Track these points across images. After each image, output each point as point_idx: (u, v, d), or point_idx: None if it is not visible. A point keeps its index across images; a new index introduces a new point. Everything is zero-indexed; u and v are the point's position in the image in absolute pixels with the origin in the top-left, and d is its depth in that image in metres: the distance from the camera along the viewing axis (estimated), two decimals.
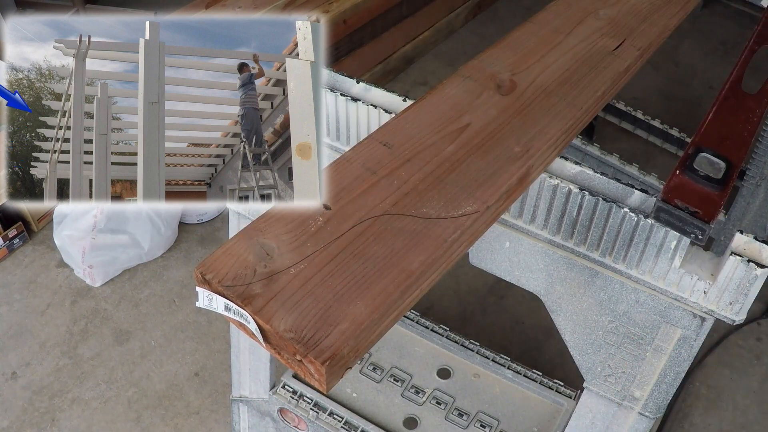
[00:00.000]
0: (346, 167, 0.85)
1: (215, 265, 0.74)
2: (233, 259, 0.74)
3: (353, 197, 0.81)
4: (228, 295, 0.71)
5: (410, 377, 1.66)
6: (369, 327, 0.71)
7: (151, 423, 1.87)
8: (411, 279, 0.74)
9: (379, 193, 0.81)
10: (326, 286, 0.73)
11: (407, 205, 0.80)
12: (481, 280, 2.16)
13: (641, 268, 0.94)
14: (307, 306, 0.71)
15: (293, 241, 0.76)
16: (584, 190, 0.93)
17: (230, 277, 0.72)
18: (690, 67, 2.88)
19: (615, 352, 1.03)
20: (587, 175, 0.95)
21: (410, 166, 0.85)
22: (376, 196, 0.81)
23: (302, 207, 0.80)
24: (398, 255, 0.75)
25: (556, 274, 1.02)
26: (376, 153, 0.88)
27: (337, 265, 0.74)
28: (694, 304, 0.93)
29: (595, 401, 1.09)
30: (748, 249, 0.86)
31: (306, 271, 0.74)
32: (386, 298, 0.72)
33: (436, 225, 0.78)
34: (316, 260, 0.75)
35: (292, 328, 0.69)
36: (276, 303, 0.71)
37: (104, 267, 2.15)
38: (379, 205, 0.80)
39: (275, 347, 0.71)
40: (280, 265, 0.74)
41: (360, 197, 0.81)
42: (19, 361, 2.00)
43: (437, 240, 0.77)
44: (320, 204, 0.80)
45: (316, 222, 0.78)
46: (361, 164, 0.86)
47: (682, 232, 0.88)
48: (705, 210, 0.89)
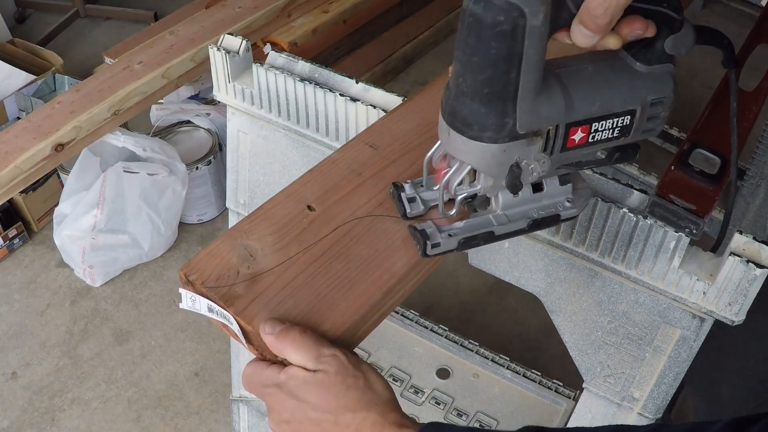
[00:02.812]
0: (331, 168, 0.86)
1: (199, 266, 0.74)
2: (217, 260, 0.75)
3: (338, 198, 0.82)
4: (211, 297, 0.72)
5: (409, 377, 1.66)
6: (351, 328, 0.72)
7: (151, 423, 1.87)
8: (394, 280, 0.75)
9: (365, 194, 0.82)
10: (309, 288, 0.73)
11: (392, 207, 0.81)
12: (481, 280, 2.16)
13: (640, 269, 0.94)
14: (289, 307, 0.72)
15: (277, 243, 0.77)
16: None
17: (213, 279, 0.73)
18: (690, 67, 2.88)
19: (614, 352, 1.03)
20: (586, 174, 0.95)
21: (395, 167, 0.86)
22: (361, 198, 0.82)
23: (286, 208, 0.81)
24: (382, 256, 0.76)
25: (555, 275, 1.02)
26: (362, 154, 0.88)
27: (320, 267, 0.75)
28: (693, 304, 0.93)
29: (595, 401, 1.09)
30: (748, 249, 0.86)
31: (289, 273, 0.74)
32: (368, 299, 0.73)
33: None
34: (299, 261, 0.75)
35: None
36: (258, 304, 0.71)
37: (104, 267, 2.15)
38: (363, 207, 0.81)
39: (258, 348, 0.71)
40: (264, 266, 0.75)
41: (345, 198, 0.82)
42: (19, 361, 2.00)
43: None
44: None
45: (300, 223, 0.79)
46: (347, 165, 0.86)
47: (677, 227, 0.89)
48: (699, 205, 0.90)
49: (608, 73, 0.70)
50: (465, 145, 0.68)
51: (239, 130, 1.21)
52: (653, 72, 0.71)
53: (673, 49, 0.69)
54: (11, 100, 2.34)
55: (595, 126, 0.70)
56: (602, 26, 0.63)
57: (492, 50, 0.61)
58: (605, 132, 0.71)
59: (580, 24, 0.63)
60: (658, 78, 0.71)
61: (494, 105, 0.64)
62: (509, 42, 0.60)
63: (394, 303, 0.77)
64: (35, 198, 2.26)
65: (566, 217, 0.79)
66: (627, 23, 0.65)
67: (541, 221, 0.77)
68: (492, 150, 0.67)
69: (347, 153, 0.89)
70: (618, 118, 0.71)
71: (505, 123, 0.66)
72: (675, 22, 0.68)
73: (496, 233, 0.76)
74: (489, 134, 0.66)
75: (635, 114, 0.71)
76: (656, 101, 0.71)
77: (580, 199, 0.80)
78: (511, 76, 0.62)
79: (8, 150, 1.68)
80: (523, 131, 0.67)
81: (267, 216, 0.80)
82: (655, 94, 0.71)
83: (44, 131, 1.72)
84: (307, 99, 1.09)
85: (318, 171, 0.86)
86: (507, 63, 0.62)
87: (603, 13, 0.62)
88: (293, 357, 0.67)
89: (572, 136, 0.70)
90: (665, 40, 0.69)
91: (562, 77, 0.68)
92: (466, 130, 0.67)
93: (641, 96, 0.70)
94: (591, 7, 0.62)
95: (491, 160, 0.69)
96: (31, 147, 1.68)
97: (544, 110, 0.67)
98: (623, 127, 0.72)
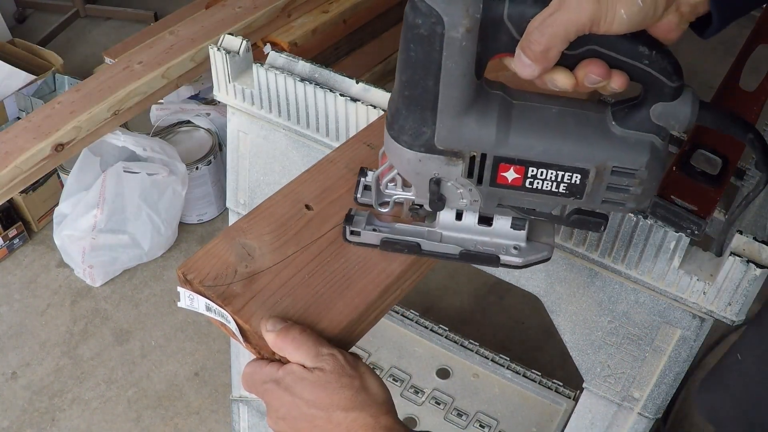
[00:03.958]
0: (329, 168, 0.87)
1: (197, 265, 0.75)
2: (215, 259, 0.75)
3: (336, 197, 0.83)
4: (209, 295, 0.72)
5: (409, 377, 1.66)
6: (348, 326, 0.72)
7: (151, 423, 1.87)
8: (391, 279, 0.75)
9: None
10: (306, 286, 0.74)
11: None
12: (481, 280, 2.16)
13: (640, 269, 0.94)
14: (287, 306, 0.72)
15: (275, 242, 0.77)
16: None
17: (211, 277, 0.73)
18: (690, 67, 2.88)
19: (614, 352, 1.03)
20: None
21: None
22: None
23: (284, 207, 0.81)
24: (379, 255, 0.76)
25: (555, 275, 1.02)
26: (359, 153, 0.89)
27: (318, 265, 0.76)
28: (693, 304, 0.93)
29: (595, 402, 1.09)
30: (748, 249, 0.86)
31: (286, 271, 0.75)
32: (366, 297, 0.73)
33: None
34: (296, 260, 0.76)
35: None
36: (256, 303, 0.72)
37: (104, 267, 2.15)
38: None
39: (255, 346, 0.72)
40: (261, 265, 0.75)
41: (342, 198, 0.83)
42: (19, 361, 2.00)
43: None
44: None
45: (298, 222, 0.79)
46: (345, 165, 0.87)
47: (679, 228, 0.89)
48: (701, 206, 0.90)
49: (570, 121, 0.63)
50: (389, 143, 0.67)
51: (239, 130, 1.21)
52: (627, 137, 0.62)
53: (660, 119, 0.61)
54: (11, 100, 2.34)
55: (532, 171, 0.64)
56: (539, 55, 0.57)
57: (411, 52, 0.59)
58: (547, 183, 0.65)
59: (521, 51, 0.58)
60: (630, 146, 0.62)
61: (413, 110, 0.63)
62: (426, 48, 0.58)
63: (392, 302, 0.77)
64: (35, 198, 2.26)
65: (506, 263, 0.74)
66: (584, 64, 0.59)
67: (474, 255, 0.73)
68: (408, 155, 0.65)
69: (345, 152, 0.89)
70: (564, 173, 0.64)
71: (422, 132, 0.63)
72: (665, 88, 0.59)
73: (422, 247, 0.74)
74: (406, 138, 0.64)
75: (588, 175, 0.64)
76: (621, 170, 0.63)
77: (531, 252, 0.74)
78: (428, 84, 0.60)
79: (8, 150, 1.68)
80: (442, 147, 0.64)
81: (265, 215, 0.80)
82: (618, 162, 0.63)
83: (44, 131, 1.72)
84: (307, 99, 1.09)
85: (316, 170, 0.86)
86: (424, 70, 0.59)
87: (538, 39, 0.56)
88: (292, 355, 0.68)
89: (503, 172, 0.65)
90: (652, 107, 0.60)
91: (514, 108, 0.63)
92: (390, 128, 0.66)
93: (600, 158, 0.63)
94: (528, 32, 0.57)
95: (407, 166, 0.66)
96: (31, 147, 1.68)
97: (468, 132, 0.63)
98: (571, 185, 0.65)
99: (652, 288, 0.95)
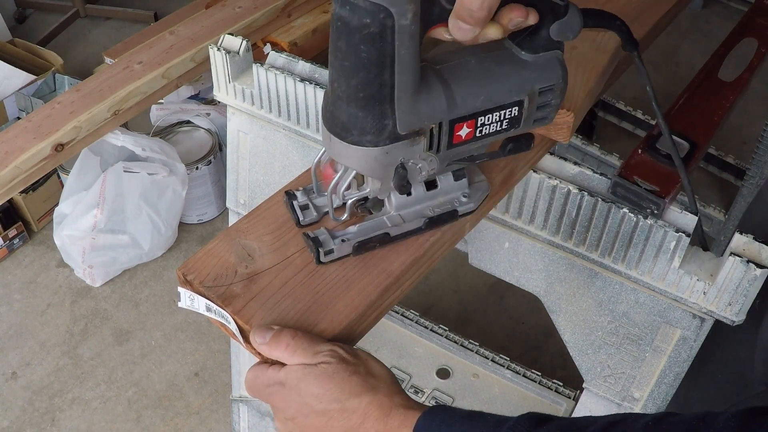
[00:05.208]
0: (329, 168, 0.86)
1: (197, 265, 0.75)
2: (215, 259, 0.75)
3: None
4: (209, 296, 0.72)
5: (409, 377, 1.66)
6: (348, 327, 0.72)
7: (151, 423, 1.87)
8: (391, 279, 0.75)
9: None
10: (306, 287, 0.74)
11: None
12: (481, 280, 2.16)
13: (640, 269, 0.94)
14: (287, 307, 0.72)
15: (275, 242, 0.77)
16: (583, 190, 0.93)
17: (211, 278, 0.73)
18: (690, 67, 2.88)
19: (614, 352, 1.03)
20: (587, 175, 0.95)
21: None
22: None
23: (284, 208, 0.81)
24: (378, 255, 0.76)
25: (555, 275, 1.02)
26: None
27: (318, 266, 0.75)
28: (693, 304, 0.93)
29: (595, 402, 1.09)
30: (748, 249, 0.86)
31: (286, 272, 0.75)
32: (365, 298, 0.73)
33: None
34: (296, 261, 0.76)
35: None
36: (256, 303, 0.72)
37: (104, 267, 2.15)
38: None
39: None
40: (261, 265, 0.75)
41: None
42: (19, 361, 2.00)
43: (417, 240, 0.78)
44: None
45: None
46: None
47: (638, 207, 0.90)
48: (663, 186, 0.91)
49: (492, 65, 0.68)
50: (347, 150, 0.66)
51: (239, 130, 1.21)
52: (540, 60, 0.69)
53: (559, 35, 0.68)
54: (11, 100, 2.34)
55: (481, 120, 0.68)
56: (480, 19, 0.61)
57: (363, 54, 0.59)
58: (493, 125, 0.69)
59: (458, 19, 0.62)
60: (545, 66, 0.69)
61: (371, 108, 0.63)
62: (379, 44, 0.59)
63: (392, 302, 0.77)
64: (35, 198, 2.26)
65: (464, 212, 0.78)
66: (506, 12, 0.64)
67: (437, 218, 0.77)
68: (374, 154, 0.66)
69: None
70: (505, 110, 0.69)
71: (384, 125, 0.64)
72: (559, 7, 0.66)
73: (391, 234, 0.75)
74: (369, 138, 0.65)
75: (523, 104, 0.69)
76: (545, 89, 0.70)
77: (477, 192, 0.79)
78: (385, 78, 0.61)
79: (8, 150, 1.68)
80: (404, 132, 0.65)
81: (265, 215, 0.80)
82: (543, 83, 0.69)
83: (44, 131, 1.72)
84: (307, 99, 1.09)
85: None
86: (379, 65, 0.60)
87: (480, 6, 0.60)
88: (290, 361, 0.67)
89: (458, 132, 0.69)
90: (550, 27, 0.67)
91: (443, 73, 0.66)
92: (346, 136, 0.65)
93: (529, 86, 0.69)
94: (466, 1, 0.60)
95: (374, 164, 0.67)
96: (31, 147, 1.68)
97: (425, 109, 0.65)
98: (512, 119, 0.70)
99: (652, 288, 0.95)
